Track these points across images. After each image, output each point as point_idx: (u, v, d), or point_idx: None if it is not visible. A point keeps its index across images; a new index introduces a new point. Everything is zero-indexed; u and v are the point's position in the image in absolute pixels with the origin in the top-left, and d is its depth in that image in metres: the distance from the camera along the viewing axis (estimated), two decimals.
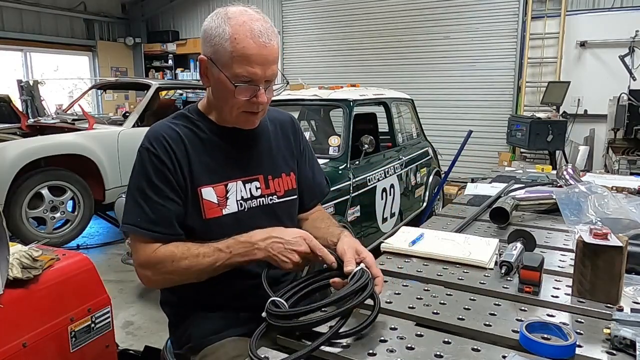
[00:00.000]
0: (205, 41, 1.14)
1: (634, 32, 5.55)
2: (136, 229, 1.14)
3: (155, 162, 1.16)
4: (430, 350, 0.89)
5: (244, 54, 1.09)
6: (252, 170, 1.27)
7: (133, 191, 1.17)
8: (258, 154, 1.30)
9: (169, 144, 1.17)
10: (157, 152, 1.16)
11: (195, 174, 1.18)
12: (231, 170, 1.24)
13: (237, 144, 1.26)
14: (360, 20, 7.32)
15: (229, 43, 1.09)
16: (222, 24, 1.10)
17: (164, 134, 1.19)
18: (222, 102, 1.19)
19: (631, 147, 4.86)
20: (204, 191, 1.19)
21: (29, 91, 6.18)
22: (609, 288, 1.05)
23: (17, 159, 3.95)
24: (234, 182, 1.23)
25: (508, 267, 1.21)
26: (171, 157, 1.16)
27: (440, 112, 6.78)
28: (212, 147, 1.23)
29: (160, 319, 3.18)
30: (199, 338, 1.23)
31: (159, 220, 1.14)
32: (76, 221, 4.44)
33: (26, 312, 1.31)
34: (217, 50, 1.11)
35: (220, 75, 1.13)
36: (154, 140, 1.18)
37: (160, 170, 1.15)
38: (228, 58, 1.10)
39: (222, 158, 1.23)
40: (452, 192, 5.54)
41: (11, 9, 7.86)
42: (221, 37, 1.10)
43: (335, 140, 3.56)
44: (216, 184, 1.21)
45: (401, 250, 1.40)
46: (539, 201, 1.82)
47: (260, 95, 1.15)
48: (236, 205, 1.23)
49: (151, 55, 9.69)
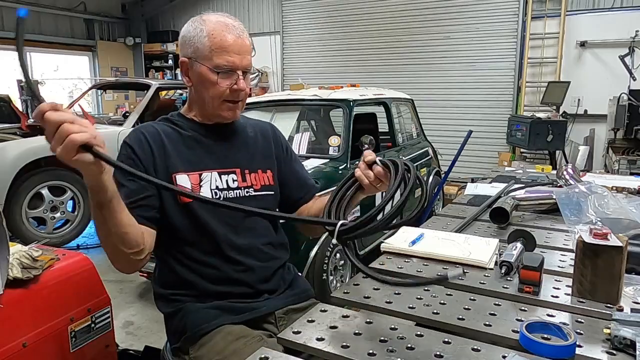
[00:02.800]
0: (185, 45, 1.28)
1: (634, 32, 5.55)
2: None
3: (128, 152, 1.26)
4: (430, 350, 0.89)
5: (221, 46, 1.24)
6: (229, 164, 1.35)
7: None
8: (236, 149, 1.38)
9: (145, 137, 1.28)
10: (131, 143, 1.27)
11: (170, 162, 1.27)
12: (207, 161, 1.32)
13: (214, 139, 1.35)
14: (360, 20, 7.32)
15: (207, 39, 1.24)
16: (199, 25, 1.26)
17: (142, 130, 1.30)
18: (205, 94, 1.28)
19: (631, 147, 4.86)
20: (178, 177, 1.27)
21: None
22: (609, 288, 1.05)
23: (17, 159, 3.95)
24: (209, 172, 1.31)
25: (508, 267, 1.21)
26: (144, 148, 1.26)
27: (440, 112, 6.78)
28: (191, 141, 1.32)
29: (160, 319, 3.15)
30: (194, 327, 1.25)
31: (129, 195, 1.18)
32: (76, 221, 4.44)
33: (26, 312, 1.31)
34: (197, 48, 1.25)
35: (201, 68, 1.25)
36: (132, 135, 1.30)
37: (129, 157, 1.25)
38: (208, 51, 1.24)
39: (199, 150, 1.32)
40: (452, 192, 5.55)
41: (11, 9, 7.86)
42: (200, 35, 1.25)
43: (335, 140, 3.56)
44: (190, 172, 1.29)
45: (401, 250, 1.40)
46: (539, 201, 1.82)
47: (240, 81, 1.27)
48: (210, 194, 1.30)
49: (151, 55, 9.69)
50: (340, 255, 3.22)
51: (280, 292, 1.38)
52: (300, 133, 4.00)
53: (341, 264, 3.23)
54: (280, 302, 1.36)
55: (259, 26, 8.43)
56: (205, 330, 1.25)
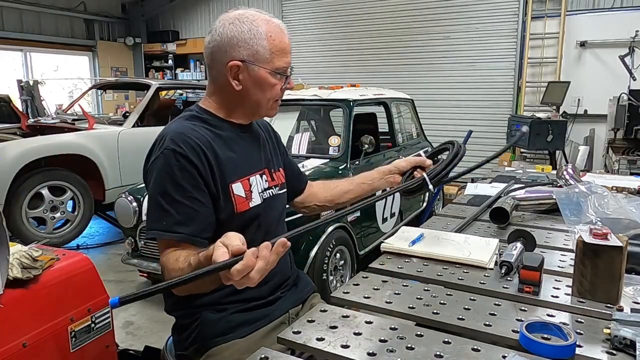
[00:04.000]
0: (236, 46, 1.18)
1: (634, 32, 5.55)
2: (161, 233, 1.13)
3: (183, 163, 1.14)
4: (430, 350, 0.88)
5: (281, 48, 1.21)
6: (261, 164, 1.35)
7: (156, 196, 1.15)
8: (263, 148, 1.38)
9: (197, 143, 1.17)
10: (185, 152, 1.15)
11: (224, 171, 1.21)
12: (250, 164, 1.30)
13: (247, 140, 1.33)
14: (360, 20, 7.32)
15: (266, 41, 1.19)
16: (252, 26, 1.18)
17: (189, 134, 1.18)
18: (259, 97, 1.24)
19: (631, 147, 4.86)
20: (234, 187, 1.23)
21: (29, 91, 6.19)
22: (609, 288, 1.05)
23: (17, 159, 3.95)
24: (254, 175, 1.29)
25: (508, 267, 1.21)
26: (200, 156, 1.16)
27: (440, 112, 6.78)
28: (232, 143, 1.27)
29: (160, 319, 3.18)
30: (206, 339, 1.23)
31: (185, 221, 1.13)
32: (76, 221, 4.44)
33: (26, 312, 1.31)
34: (256, 51, 1.19)
35: (260, 71, 1.20)
36: (180, 142, 1.16)
37: (188, 170, 1.14)
38: (268, 54, 1.19)
39: (241, 153, 1.28)
40: (452, 192, 5.54)
41: (11, 9, 7.86)
42: (257, 37, 1.18)
43: (335, 140, 3.56)
44: (242, 179, 1.25)
45: (401, 250, 1.40)
46: (539, 201, 1.82)
47: (291, 81, 1.29)
48: (259, 197, 1.29)
49: (151, 55, 9.69)
50: (340, 255, 3.22)
51: (287, 291, 1.39)
52: (300, 133, 4.00)
53: (341, 264, 3.23)
54: (289, 302, 1.37)
55: None
56: (216, 344, 1.23)
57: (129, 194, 3.29)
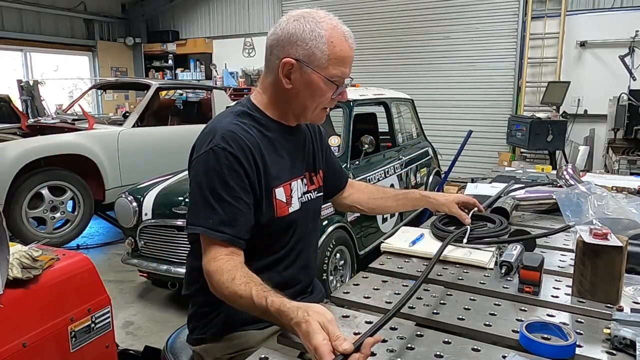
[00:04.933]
0: (295, 44, 1.16)
1: (634, 32, 5.56)
2: (207, 230, 1.12)
3: (233, 163, 1.14)
4: (430, 350, 0.89)
5: (340, 56, 1.16)
6: (303, 168, 1.33)
7: (204, 191, 1.14)
8: (305, 152, 1.36)
9: (247, 145, 1.16)
10: (235, 152, 1.14)
11: (269, 175, 1.20)
12: (294, 168, 1.29)
13: (294, 142, 1.32)
14: (360, 20, 7.32)
15: (326, 46, 1.15)
16: (316, 27, 1.15)
17: (240, 135, 1.17)
18: (307, 101, 1.21)
19: (631, 147, 4.86)
20: (277, 191, 1.22)
21: (29, 91, 6.18)
22: (609, 288, 1.05)
23: (17, 159, 3.95)
24: (295, 180, 1.28)
25: (508, 267, 1.21)
26: (248, 158, 1.16)
27: (440, 112, 6.78)
28: (279, 146, 1.26)
29: (160, 319, 3.19)
30: (228, 327, 1.25)
31: (230, 221, 1.12)
32: (76, 221, 4.44)
33: (26, 312, 1.31)
34: (313, 53, 1.15)
35: (313, 75, 1.17)
36: (231, 141, 1.15)
37: (236, 170, 1.14)
38: (325, 60, 1.15)
39: (286, 157, 1.27)
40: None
41: (11, 9, 7.86)
42: (317, 40, 1.14)
43: (335, 140, 3.56)
44: (284, 183, 1.24)
45: (401, 250, 1.40)
46: (539, 201, 1.82)
47: (345, 93, 1.25)
48: (298, 203, 1.28)
49: (151, 55, 9.69)
50: (340, 255, 3.22)
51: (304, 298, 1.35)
52: None
53: (341, 264, 3.23)
54: None
55: (259, 26, 8.44)
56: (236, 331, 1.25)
57: (129, 194, 3.29)
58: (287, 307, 0.91)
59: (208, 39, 9.07)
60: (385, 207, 1.63)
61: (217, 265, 1.10)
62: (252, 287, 1.01)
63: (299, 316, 0.87)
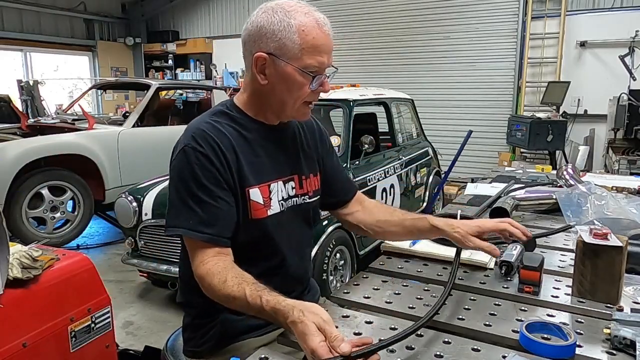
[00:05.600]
0: (264, 37, 1.11)
1: (634, 32, 5.55)
2: (187, 231, 1.10)
3: (203, 162, 1.12)
4: (430, 350, 0.89)
5: (313, 45, 1.10)
6: (290, 170, 1.27)
7: (180, 192, 1.12)
8: (294, 153, 1.29)
9: (217, 142, 1.13)
10: (205, 151, 1.12)
11: (243, 174, 1.16)
12: (273, 169, 1.23)
13: (276, 143, 1.25)
14: (360, 20, 7.32)
15: (297, 35, 1.09)
16: (285, 17, 1.09)
17: (210, 132, 1.14)
18: (285, 95, 1.16)
19: (631, 147, 4.86)
20: (251, 192, 1.17)
21: (29, 91, 6.18)
22: (609, 288, 1.05)
23: (17, 159, 3.95)
24: (276, 182, 1.22)
25: (508, 267, 1.21)
26: (219, 156, 1.13)
27: (440, 112, 6.78)
28: (256, 146, 1.21)
29: (160, 319, 3.18)
30: (225, 339, 1.22)
31: (210, 221, 1.10)
32: (76, 221, 4.44)
33: (26, 312, 1.31)
34: (284, 44, 1.09)
35: (287, 67, 1.11)
36: (200, 139, 1.13)
37: (208, 169, 1.12)
38: (297, 50, 1.09)
39: (265, 157, 1.22)
40: (452, 192, 5.54)
41: (11, 9, 7.86)
42: (287, 30, 1.09)
43: (335, 140, 3.56)
44: (261, 184, 1.19)
45: (401, 250, 1.40)
46: (539, 201, 1.82)
47: (326, 83, 1.17)
48: (278, 206, 1.22)
49: (151, 55, 9.69)
50: (340, 255, 3.22)
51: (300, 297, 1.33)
52: None
53: (341, 264, 3.23)
54: None
55: None
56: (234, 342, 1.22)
57: (129, 194, 3.29)
58: (283, 306, 0.90)
59: (208, 39, 9.07)
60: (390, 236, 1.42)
61: (207, 268, 1.08)
62: (245, 287, 1.00)
63: (295, 315, 0.86)
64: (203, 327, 1.25)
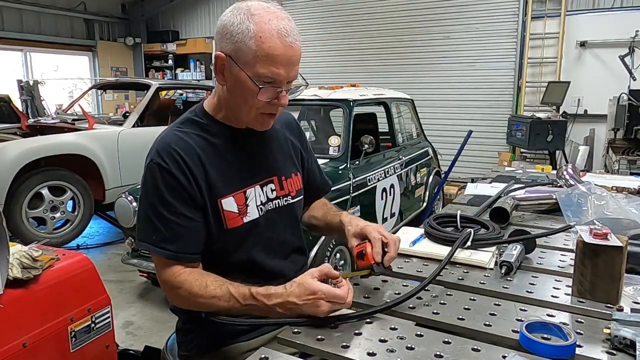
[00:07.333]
0: (225, 37, 1.06)
1: (634, 32, 5.55)
2: (151, 247, 1.10)
3: (167, 178, 1.09)
4: (430, 350, 0.88)
5: (269, 54, 1.03)
6: (267, 173, 1.24)
7: (145, 207, 1.12)
8: (271, 155, 1.26)
9: (182, 157, 1.10)
10: (169, 167, 1.09)
11: (213, 185, 1.13)
12: (247, 175, 1.19)
13: (249, 146, 1.21)
14: (360, 20, 7.32)
15: (253, 41, 1.03)
16: (246, 20, 1.04)
17: (175, 146, 1.11)
18: (240, 101, 1.12)
19: (631, 147, 4.86)
20: (224, 202, 1.14)
21: (29, 91, 6.19)
22: (609, 288, 1.05)
23: (17, 159, 3.95)
24: (252, 187, 1.19)
25: (508, 267, 1.21)
26: (185, 172, 1.09)
27: (440, 112, 6.78)
28: (226, 152, 1.17)
29: (160, 319, 3.18)
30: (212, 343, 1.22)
31: (173, 238, 1.09)
32: (76, 221, 4.44)
33: (26, 312, 1.31)
34: (239, 48, 1.04)
35: (240, 73, 1.06)
36: (164, 155, 1.10)
37: (172, 186, 1.09)
38: (251, 57, 1.04)
39: (237, 163, 1.18)
40: (452, 192, 5.55)
41: (11, 9, 7.86)
42: (244, 34, 1.03)
43: (335, 140, 3.56)
44: (235, 192, 1.16)
45: (401, 250, 1.40)
46: (539, 201, 1.82)
47: (282, 97, 1.11)
48: (256, 211, 1.19)
49: (151, 55, 9.69)
50: (340, 255, 3.22)
51: None
52: None
53: (341, 264, 3.23)
54: None
55: None
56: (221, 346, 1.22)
57: (129, 194, 3.29)
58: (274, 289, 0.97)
59: (208, 39, 9.06)
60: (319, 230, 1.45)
61: (183, 278, 1.08)
62: (228, 286, 1.01)
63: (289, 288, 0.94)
64: (192, 332, 1.25)
